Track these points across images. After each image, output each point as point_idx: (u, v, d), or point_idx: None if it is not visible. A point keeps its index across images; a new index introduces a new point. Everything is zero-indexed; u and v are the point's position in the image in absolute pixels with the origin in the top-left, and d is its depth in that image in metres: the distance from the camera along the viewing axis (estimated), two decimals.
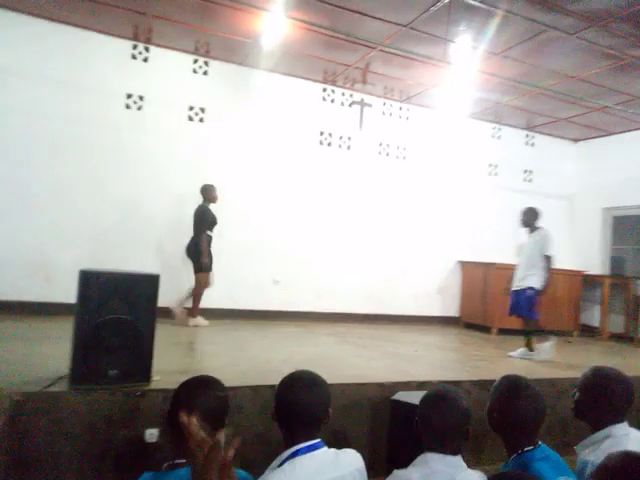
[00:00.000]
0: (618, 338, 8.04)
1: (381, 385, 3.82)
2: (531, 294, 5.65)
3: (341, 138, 7.54)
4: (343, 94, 7.54)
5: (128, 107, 6.32)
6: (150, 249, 6.31)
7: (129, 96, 6.32)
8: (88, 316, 3.07)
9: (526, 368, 5.01)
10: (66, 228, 5.97)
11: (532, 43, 5.62)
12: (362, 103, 7.62)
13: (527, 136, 9.00)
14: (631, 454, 1.33)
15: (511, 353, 5.65)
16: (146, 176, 6.35)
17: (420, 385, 3.96)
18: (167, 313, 5.69)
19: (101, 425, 3.08)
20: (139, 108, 6.37)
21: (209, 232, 5.96)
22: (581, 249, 9.11)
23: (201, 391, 1.76)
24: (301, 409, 1.73)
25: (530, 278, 5.66)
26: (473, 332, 7.56)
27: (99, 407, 3.09)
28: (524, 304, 5.69)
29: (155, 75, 6.45)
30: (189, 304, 6.00)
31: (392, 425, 3.38)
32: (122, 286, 3.15)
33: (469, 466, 1.87)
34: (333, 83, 7.39)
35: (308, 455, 1.69)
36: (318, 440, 1.76)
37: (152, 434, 3.12)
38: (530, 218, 5.89)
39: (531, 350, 5.63)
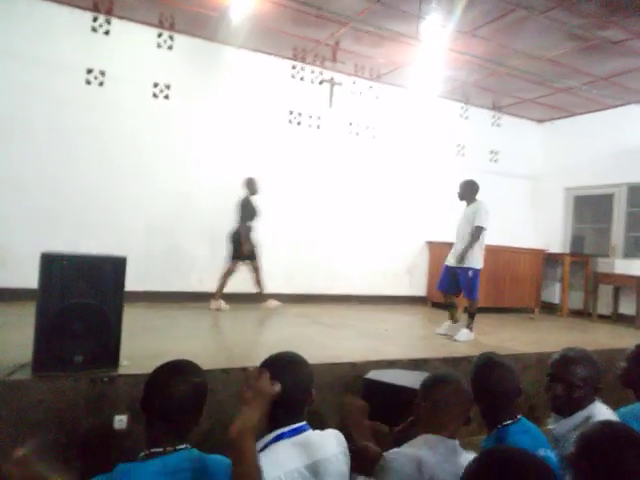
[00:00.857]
0: (577, 314, 8.35)
1: (353, 365, 3.85)
2: (472, 275, 5.37)
3: (311, 117, 7.44)
4: (313, 72, 7.42)
5: (89, 83, 6.04)
6: (119, 230, 6.11)
7: (89, 71, 6.04)
8: (51, 301, 2.96)
9: (492, 345, 5.14)
10: (18, 211, 5.68)
11: (501, 22, 5.63)
12: (332, 81, 7.51)
13: (494, 117, 9.09)
14: (612, 423, 1.40)
15: (455, 337, 5.30)
16: (107, 156, 6.12)
17: (390, 363, 4.00)
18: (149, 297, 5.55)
19: (67, 413, 2.99)
20: (100, 84, 6.09)
21: (250, 223, 6.24)
22: (544, 228, 9.36)
23: (175, 377, 1.67)
24: (283, 392, 1.67)
25: (469, 257, 5.33)
26: (439, 311, 7.68)
27: (64, 395, 3.00)
28: (465, 285, 5.42)
29: (117, 49, 6.17)
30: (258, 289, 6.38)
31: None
32: (87, 269, 3.04)
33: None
34: (303, 60, 7.24)
35: (292, 439, 1.66)
36: (303, 423, 1.73)
37: (121, 421, 3.06)
38: (466, 191, 5.58)
39: (454, 322, 5.59)
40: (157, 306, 5.92)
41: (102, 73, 6.08)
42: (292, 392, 1.71)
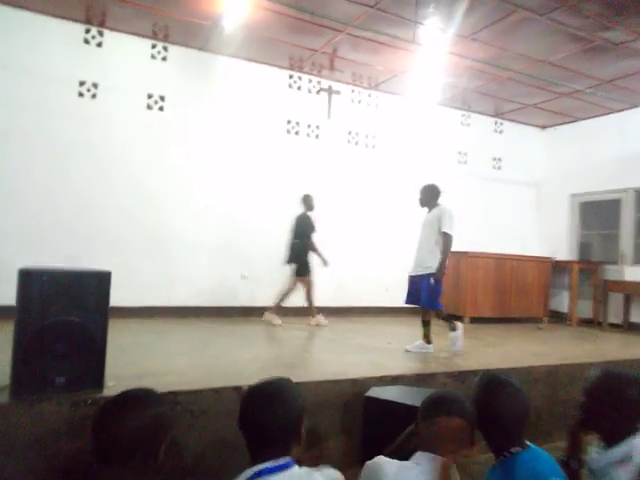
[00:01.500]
0: (587, 323, 8.11)
1: (354, 381, 3.64)
2: (435, 282, 4.93)
3: (309, 127, 7.31)
4: (310, 81, 7.31)
5: (81, 95, 5.94)
6: (111, 242, 5.96)
7: (82, 83, 5.94)
8: (30, 319, 2.78)
9: (499, 357, 4.93)
10: (9, 223, 5.55)
11: (501, 25, 5.50)
12: (330, 90, 7.40)
13: (496, 123, 8.95)
14: None
15: (408, 347, 5.01)
16: (101, 168, 6.00)
17: (394, 379, 3.80)
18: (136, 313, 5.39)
19: (48, 439, 2.80)
20: (93, 96, 5.99)
21: (310, 238, 6.33)
22: (550, 235, 9.16)
23: (123, 415, 1.48)
24: (260, 428, 1.50)
25: (431, 263, 4.93)
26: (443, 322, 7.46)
27: (45, 418, 2.81)
28: (426, 294, 4.97)
29: (110, 61, 6.08)
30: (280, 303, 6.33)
31: (366, 423, 3.21)
32: (68, 285, 2.87)
33: None
34: (300, 69, 7.14)
35: (274, 476, 1.47)
36: (287, 459, 1.53)
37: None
38: (426, 196, 5.17)
39: (428, 342, 5.07)
40: (150, 321, 5.75)
41: (95, 85, 5.98)
42: (271, 428, 1.52)
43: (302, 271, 6.28)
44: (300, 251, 6.26)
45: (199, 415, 3.08)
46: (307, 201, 6.41)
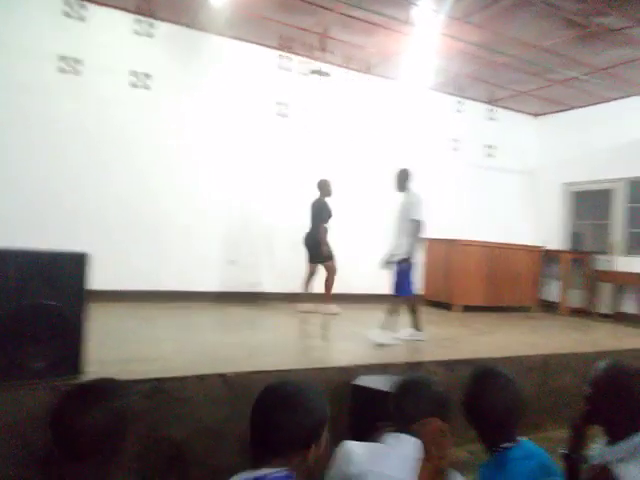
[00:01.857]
0: (577, 313, 8.10)
1: (343, 369, 3.56)
2: (402, 268, 4.81)
3: (300, 109, 7.15)
4: (301, 62, 7.13)
5: (62, 71, 5.72)
6: (99, 225, 5.80)
7: (63, 59, 5.72)
8: (5, 302, 2.65)
9: (490, 346, 4.87)
10: None
11: (496, 8, 5.37)
12: (321, 72, 7.23)
13: (489, 110, 8.85)
14: None
15: (399, 336, 4.81)
16: (86, 148, 5.81)
17: (383, 367, 3.72)
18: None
19: (24, 426, 2.69)
20: (75, 72, 5.78)
21: (325, 224, 6.23)
22: (541, 224, 9.12)
23: (83, 408, 1.36)
24: (268, 430, 1.31)
25: (401, 249, 4.83)
26: (436, 310, 7.42)
27: (21, 405, 2.70)
28: (393, 279, 4.87)
29: (93, 36, 5.86)
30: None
31: (354, 412, 3.13)
32: (44, 267, 2.74)
33: None
34: (290, 50, 6.96)
35: None
36: (285, 472, 1.30)
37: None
38: (398, 180, 5.08)
39: (419, 329, 4.93)
40: (140, 305, 5.62)
41: (77, 61, 5.77)
42: (279, 433, 1.32)
43: (317, 257, 6.22)
44: (315, 237, 6.20)
45: (184, 402, 2.98)
46: (323, 186, 6.32)
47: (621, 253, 7.98)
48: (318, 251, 6.17)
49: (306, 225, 7.10)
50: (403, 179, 5.07)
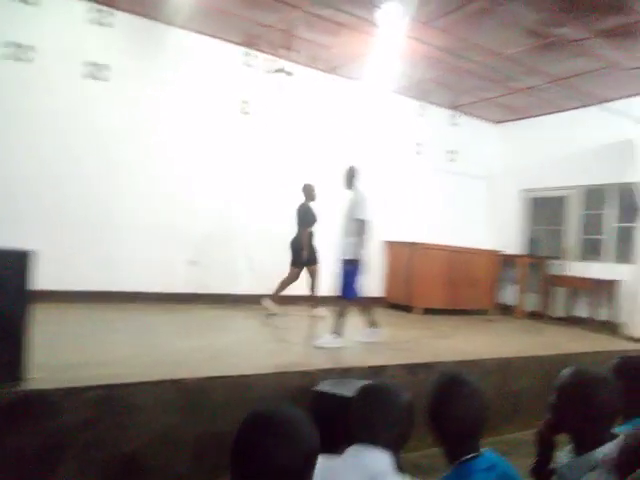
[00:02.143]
0: (533, 316, 8.29)
1: (303, 373, 3.48)
2: (348, 268, 4.70)
3: (264, 107, 7.02)
4: (266, 60, 7.01)
5: (16, 59, 5.40)
6: (47, 223, 5.51)
7: (17, 46, 5.40)
8: None
9: (451, 349, 4.89)
10: None
11: (460, 14, 5.41)
12: (286, 71, 7.12)
13: (452, 116, 8.96)
14: None
15: (359, 338, 4.75)
16: (34, 141, 5.51)
17: (345, 371, 3.67)
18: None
19: None
20: (29, 60, 5.48)
21: (310, 229, 6.22)
22: (500, 229, 9.30)
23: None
24: (249, 462, 1.16)
25: (347, 249, 4.73)
26: (397, 312, 7.45)
27: None
28: (340, 280, 4.74)
29: (49, 23, 5.57)
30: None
31: (315, 419, 3.03)
32: None
33: None
34: (255, 47, 6.83)
35: None
36: None
37: None
38: (347, 178, 5.02)
39: (375, 327, 4.84)
40: (93, 307, 5.37)
41: (31, 48, 5.46)
42: (266, 465, 1.15)
43: (297, 261, 6.16)
44: (298, 241, 6.16)
45: (137, 409, 2.82)
46: (308, 191, 6.29)
47: (575, 258, 8.23)
48: (299, 255, 6.13)
49: (267, 222, 7.03)
50: (350, 177, 5.00)
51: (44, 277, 3.02)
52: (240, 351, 4.03)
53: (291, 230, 6.35)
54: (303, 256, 6.12)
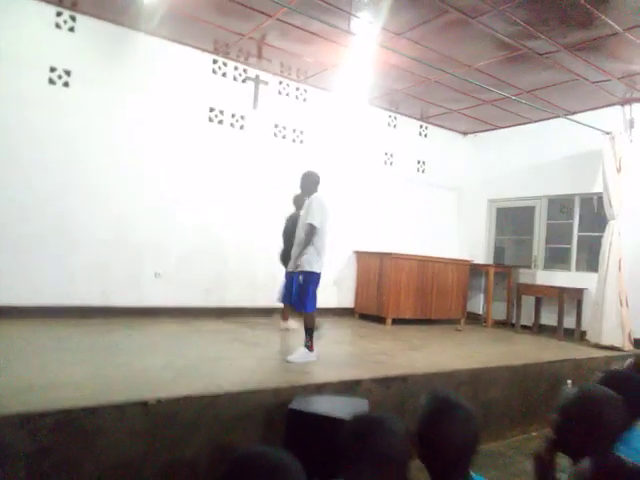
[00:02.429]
0: (501, 325, 8.38)
1: (277, 391, 3.35)
2: (303, 280, 4.44)
3: (233, 116, 6.90)
4: (236, 68, 6.90)
5: None
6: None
7: None
8: None
9: (424, 361, 4.85)
10: None
11: (432, 25, 5.43)
12: (257, 80, 7.04)
13: (421, 127, 9.03)
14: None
15: (290, 358, 4.32)
16: None
17: (319, 387, 3.56)
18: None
19: None
20: None
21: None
22: (468, 239, 9.41)
23: None
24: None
25: (303, 258, 4.45)
26: (368, 323, 7.40)
27: None
28: (296, 292, 4.51)
29: (7, 26, 5.32)
30: None
31: (289, 439, 2.92)
32: None
33: None
34: (225, 55, 6.71)
35: None
36: None
37: None
38: (304, 184, 4.81)
39: (311, 349, 4.45)
40: (46, 323, 5.10)
41: None
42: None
43: None
44: (287, 252, 5.97)
45: (97, 435, 2.64)
46: (298, 202, 6.08)
47: (541, 267, 8.37)
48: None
49: (243, 233, 6.85)
50: (307, 182, 4.79)
51: None
52: (208, 369, 3.87)
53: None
54: None
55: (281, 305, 5.93)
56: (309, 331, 4.45)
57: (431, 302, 7.96)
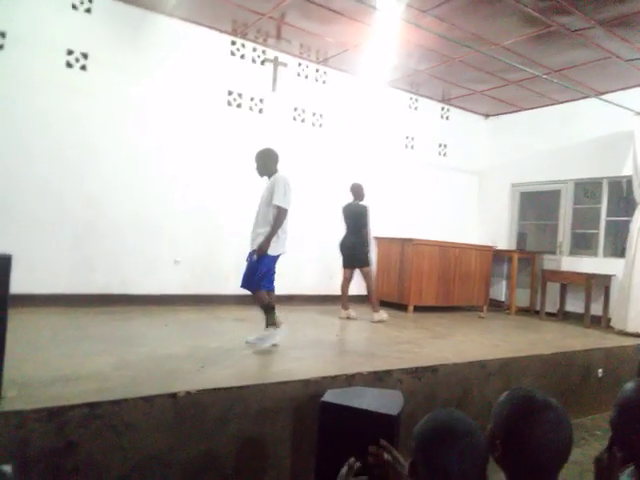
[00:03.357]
0: (524, 312, 8.20)
1: (305, 382, 3.24)
2: (257, 260, 4.27)
3: (252, 100, 6.74)
4: (255, 50, 6.72)
5: None
6: (22, 220, 5.17)
7: None
8: None
9: (453, 350, 4.71)
10: None
11: (460, 1, 5.20)
12: (276, 62, 6.85)
13: (442, 109, 8.79)
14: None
15: (249, 339, 4.23)
16: (10, 134, 5.15)
17: (349, 378, 3.44)
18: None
19: None
20: (0, 47, 5.10)
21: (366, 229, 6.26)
22: (490, 224, 9.20)
23: None
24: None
25: (260, 238, 4.30)
26: (389, 310, 7.23)
27: None
28: (246, 271, 4.34)
29: (22, 8, 5.19)
30: None
31: (322, 432, 2.81)
32: None
33: None
34: (244, 36, 6.53)
35: None
36: None
37: (4, 473, 2.29)
38: (261, 162, 4.51)
39: (274, 327, 4.28)
40: (69, 311, 5.05)
41: (2, 35, 5.08)
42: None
43: (364, 262, 6.23)
44: (354, 242, 6.21)
45: (124, 430, 2.56)
46: (359, 190, 6.29)
47: (567, 253, 8.15)
48: (365, 256, 6.20)
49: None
50: (266, 161, 4.49)
51: (16, 280, 2.73)
52: (232, 357, 3.77)
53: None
54: (368, 254, 6.23)
55: (339, 292, 6.35)
56: (265, 309, 4.26)
57: (453, 289, 7.80)
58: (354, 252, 6.22)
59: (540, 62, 6.57)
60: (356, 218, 6.22)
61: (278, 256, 4.40)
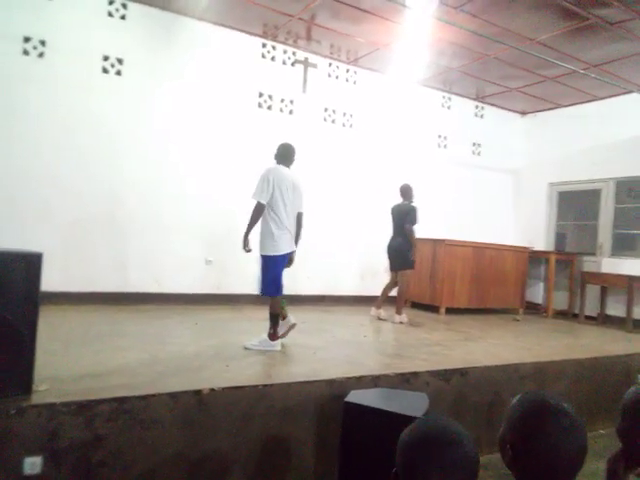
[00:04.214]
0: (562, 315, 7.95)
1: (330, 382, 3.24)
2: (263, 264, 4.17)
3: (282, 101, 6.79)
4: (285, 52, 6.76)
5: (26, 53, 5.24)
6: (59, 221, 5.36)
7: (27, 40, 5.24)
8: None
9: (483, 353, 4.61)
10: None
11: None
12: (306, 63, 6.88)
13: (477, 107, 8.63)
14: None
15: (246, 344, 4.06)
16: (48, 137, 5.35)
17: (375, 379, 3.41)
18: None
19: None
20: (40, 55, 5.31)
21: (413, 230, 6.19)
22: (526, 224, 8.96)
23: None
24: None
25: (260, 242, 4.19)
26: (420, 312, 7.17)
27: None
28: (259, 277, 4.22)
29: (60, 16, 5.39)
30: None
31: (345, 433, 2.80)
32: None
33: None
34: (274, 38, 6.59)
35: None
36: None
37: (34, 464, 2.37)
38: (277, 155, 4.43)
39: (273, 339, 4.11)
40: (102, 309, 5.20)
41: (42, 42, 5.29)
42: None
43: (407, 264, 6.21)
44: (399, 245, 6.19)
45: (151, 425, 2.61)
46: (409, 191, 6.25)
47: (607, 255, 7.85)
48: (408, 258, 6.15)
49: None
50: (276, 153, 4.39)
51: (50, 278, 2.83)
52: (258, 357, 3.80)
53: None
54: (413, 257, 6.17)
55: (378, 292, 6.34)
56: (272, 318, 4.14)
57: (487, 290, 7.63)
58: (400, 255, 6.19)
59: (578, 57, 6.36)
60: (402, 218, 6.18)
61: (282, 257, 4.17)
